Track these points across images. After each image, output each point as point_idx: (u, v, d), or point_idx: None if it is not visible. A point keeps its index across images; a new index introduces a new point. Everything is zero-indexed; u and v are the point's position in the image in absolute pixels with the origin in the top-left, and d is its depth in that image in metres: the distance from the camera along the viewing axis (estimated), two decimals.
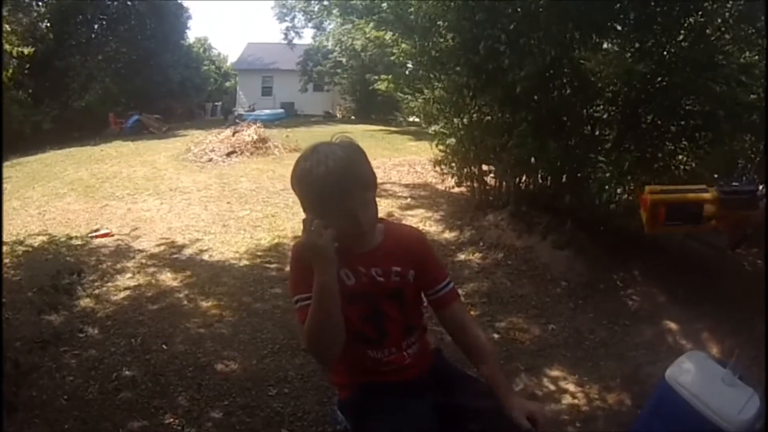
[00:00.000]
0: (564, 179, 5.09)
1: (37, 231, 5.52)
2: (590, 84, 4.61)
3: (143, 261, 4.66)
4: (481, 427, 1.55)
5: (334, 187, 1.45)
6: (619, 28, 5.04)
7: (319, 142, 1.54)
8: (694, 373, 2.62)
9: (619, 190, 5.02)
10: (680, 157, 5.30)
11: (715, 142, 4.86)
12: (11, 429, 2.25)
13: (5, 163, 9.39)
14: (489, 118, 5.50)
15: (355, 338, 1.58)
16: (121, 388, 2.74)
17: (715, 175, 5.12)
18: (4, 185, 7.58)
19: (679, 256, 5.43)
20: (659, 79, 4.69)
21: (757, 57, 4.77)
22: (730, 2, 4.65)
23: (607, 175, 4.46)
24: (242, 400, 2.73)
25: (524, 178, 5.52)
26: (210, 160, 9.98)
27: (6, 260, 4.38)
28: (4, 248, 4.51)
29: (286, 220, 6.24)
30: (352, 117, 24.53)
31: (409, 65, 6.60)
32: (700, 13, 4.67)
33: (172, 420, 2.53)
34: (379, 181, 1.63)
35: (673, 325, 4.18)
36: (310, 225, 1.46)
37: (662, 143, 5.21)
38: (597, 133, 5.36)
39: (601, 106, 5.22)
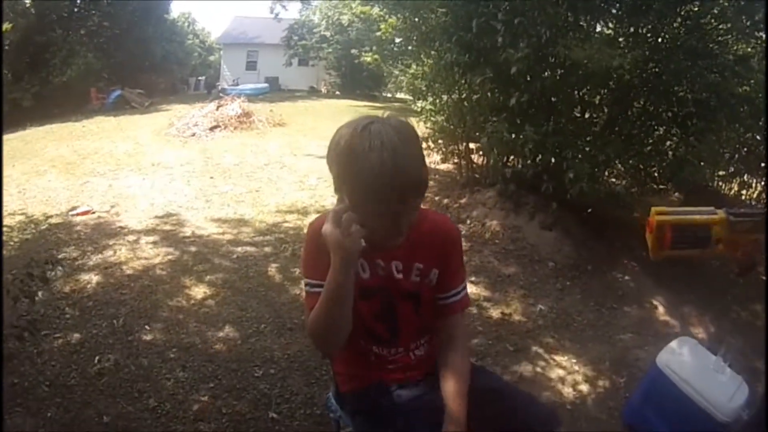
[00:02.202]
0: (552, 161, 5.05)
1: (17, 210, 5.35)
2: (582, 67, 4.56)
3: (124, 238, 4.56)
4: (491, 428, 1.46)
5: (389, 186, 1.21)
6: (614, 11, 4.98)
7: (371, 119, 1.27)
8: (684, 359, 2.64)
9: (606, 175, 5.00)
10: (669, 143, 5.29)
11: (707, 130, 4.84)
12: None
13: None
14: (478, 96, 5.43)
15: (365, 335, 1.50)
16: (104, 373, 2.67)
17: (701, 163, 5.13)
18: None
19: None
20: (652, 65, 4.65)
21: (751, 49, 4.75)
22: None
23: (599, 158, 4.41)
24: (228, 382, 2.68)
25: (512, 158, 5.46)
26: (193, 134, 9.81)
27: None
28: None
29: (270, 195, 6.17)
30: (337, 92, 24.33)
31: (398, 40, 6.48)
32: (696, 1, 4.63)
33: (156, 404, 2.47)
34: None
35: (659, 310, 4.22)
36: (341, 215, 1.24)
37: (652, 128, 5.19)
38: (587, 116, 5.32)
39: (593, 90, 5.17)
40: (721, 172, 6.24)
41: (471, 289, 4.14)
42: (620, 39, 4.88)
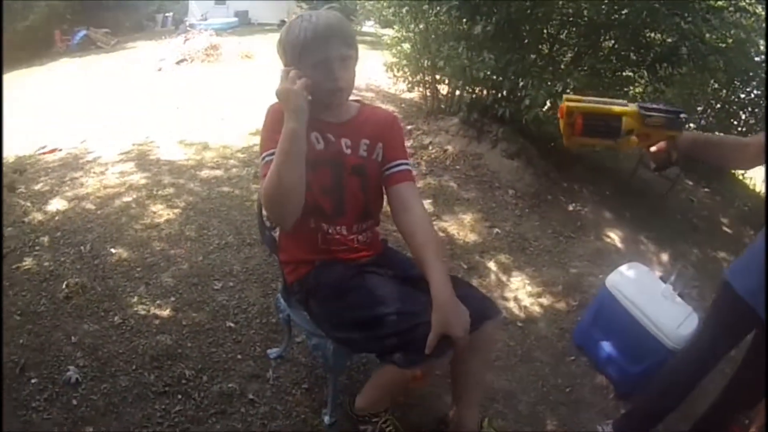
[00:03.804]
0: (511, 89, 5.06)
1: None
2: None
3: (92, 170, 4.53)
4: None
5: (314, 36, 1.50)
6: None
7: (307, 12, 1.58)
8: (634, 282, 2.65)
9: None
10: (637, 86, 5.30)
11: (676, 77, 4.84)
12: None
13: None
14: (446, 27, 5.38)
15: (312, 211, 1.60)
16: (72, 296, 2.72)
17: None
18: None
19: (631, 181, 5.59)
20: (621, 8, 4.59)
21: (723, 3, 4.70)
22: None
23: (558, 89, 4.40)
24: (188, 296, 2.77)
25: (476, 88, 5.46)
26: (160, 69, 9.62)
27: None
28: None
29: (235, 121, 6.10)
30: None
31: None
32: None
33: (121, 321, 2.55)
34: None
35: (617, 243, 4.32)
36: (287, 74, 1.51)
37: (620, 69, 5.16)
38: (554, 51, 5.30)
39: (561, 26, 5.12)
40: (691, 125, 6.29)
41: (428, 208, 4.22)
42: None
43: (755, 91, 5.93)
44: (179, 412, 2.04)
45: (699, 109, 6.28)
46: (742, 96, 6.15)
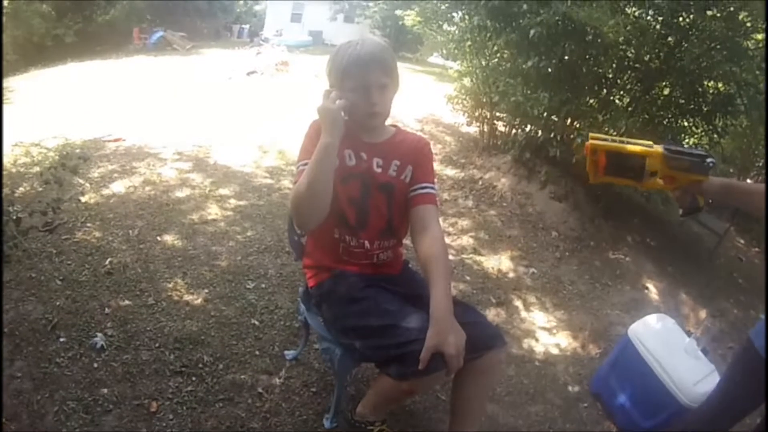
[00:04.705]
0: (563, 129, 5.07)
1: (52, 136, 5.52)
2: (606, 42, 4.51)
3: (151, 163, 4.77)
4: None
5: (356, 62, 1.63)
6: None
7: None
8: (657, 334, 2.59)
9: None
10: (693, 136, 5.19)
11: (731, 128, 4.76)
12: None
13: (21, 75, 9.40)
14: (507, 64, 5.45)
15: (336, 221, 1.70)
16: (113, 273, 2.89)
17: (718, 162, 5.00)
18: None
19: (677, 233, 5.45)
20: (677, 50, 4.55)
21: None
22: None
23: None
24: (221, 290, 2.89)
25: (529, 127, 5.48)
26: (230, 78, 10.01)
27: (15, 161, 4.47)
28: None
29: (296, 134, 6.22)
30: None
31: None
32: None
33: (154, 302, 2.69)
34: (391, 113, 1.76)
35: (654, 295, 4.23)
36: (328, 94, 1.66)
37: (675, 117, 5.11)
38: (613, 97, 5.28)
39: (618, 70, 5.10)
40: (748, 180, 6.05)
41: (468, 241, 4.30)
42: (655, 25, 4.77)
43: None
44: (190, 392, 2.14)
45: (758, 165, 6.04)
46: None
